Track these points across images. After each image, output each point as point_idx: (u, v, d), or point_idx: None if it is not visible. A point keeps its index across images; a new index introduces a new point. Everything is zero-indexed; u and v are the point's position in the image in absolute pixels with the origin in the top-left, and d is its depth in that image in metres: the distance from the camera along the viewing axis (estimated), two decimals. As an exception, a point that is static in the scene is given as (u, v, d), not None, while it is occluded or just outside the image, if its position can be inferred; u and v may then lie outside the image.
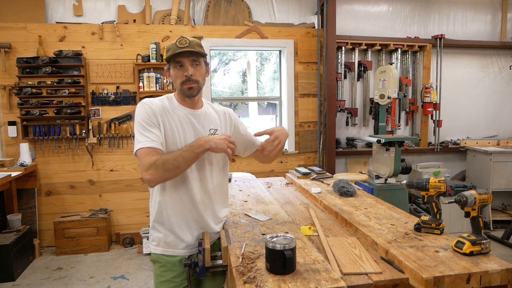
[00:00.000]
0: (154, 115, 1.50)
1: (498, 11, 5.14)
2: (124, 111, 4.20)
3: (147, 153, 1.42)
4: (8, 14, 3.98)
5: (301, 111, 4.62)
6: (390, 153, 3.66)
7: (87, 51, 4.08)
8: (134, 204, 4.25)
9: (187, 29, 4.25)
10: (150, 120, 1.48)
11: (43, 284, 3.31)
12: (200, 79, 1.56)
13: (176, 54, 1.49)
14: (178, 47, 1.49)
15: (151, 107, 1.51)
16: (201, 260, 1.46)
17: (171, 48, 1.51)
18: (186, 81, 1.52)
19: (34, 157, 4.03)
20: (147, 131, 1.46)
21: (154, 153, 1.42)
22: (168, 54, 1.52)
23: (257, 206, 2.06)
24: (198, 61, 1.55)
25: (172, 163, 1.40)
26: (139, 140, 1.45)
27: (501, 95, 5.25)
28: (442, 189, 1.54)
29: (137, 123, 1.49)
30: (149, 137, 1.45)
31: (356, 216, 1.82)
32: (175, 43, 1.51)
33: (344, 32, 4.69)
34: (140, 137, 1.45)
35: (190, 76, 1.51)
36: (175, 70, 1.54)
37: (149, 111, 1.50)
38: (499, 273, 1.21)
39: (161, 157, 1.40)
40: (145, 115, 1.49)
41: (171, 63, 1.54)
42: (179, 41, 1.50)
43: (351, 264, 1.30)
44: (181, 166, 1.43)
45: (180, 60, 1.51)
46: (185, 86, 1.53)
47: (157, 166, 1.38)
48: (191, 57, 1.52)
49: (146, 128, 1.47)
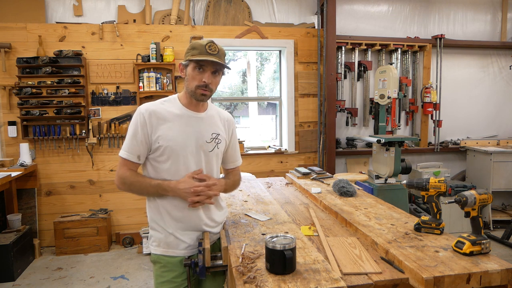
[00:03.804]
0: (144, 126, 1.51)
1: (498, 11, 5.14)
2: (124, 111, 4.20)
3: (123, 163, 1.55)
4: (8, 14, 3.98)
5: (301, 111, 4.62)
6: (390, 153, 3.66)
7: (87, 51, 4.08)
8: (134, 204, 4.25)
9: (187, 29, 4.25)
10: (137, 132, 1.52)
11: (43, 284, 3.31)
12: (214, 88, 1.56)
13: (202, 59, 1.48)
14: (207, 52, 1.48)
15: (144, 117, 1.52)
16: (201, 260, 1.46)
17: (199, 49, 1.48)
18: (202, 86, 1.51)
19: (34, 157, 4.03)
20: (131, 142, 1.53)
21: (130, 165, 1.54)
22: (194, 54, 1.49)
23: (257, 206, 2.06)
24: (219, 71, 1.55)
25: (137, 189, 1.54)
26: (123, 147, 1.55)
27: (501, 95, 5.25)
28: (442, 189, 1.54)
29: (128, 129, 1.56)
30: (130, 149, 1.53)
31: (356, 216, 1.82)
32: (204, 46, 1.48)
33: (344, 32, 4.69)
34: (125, 144, 1.55)
35: (208, 84, 1.52)
36: (194, 71, 1.51)
37: (140, 123, 1.52)
38: (499, 273, 1.21)
39: (131, 178, 1.53)
40: (135, 126, 1.53)
41: (193, 62, 1.51)
42: (209, 45, 1.48)
43: (351, 264, 1.30)
44: (144, 195, 1.59)
45: (204, 65, 1.50)
46: (199, 90, 1.52)
47: (125, 183, 1.53)
48: (215, 66, 1.52)
49: (131, 138, 1.53)
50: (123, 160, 1.54)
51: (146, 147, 1.54)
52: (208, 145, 1.59)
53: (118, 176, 1.54)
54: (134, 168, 1.56)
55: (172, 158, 1.53)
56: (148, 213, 1.62)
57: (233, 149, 1.76)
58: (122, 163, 1.55)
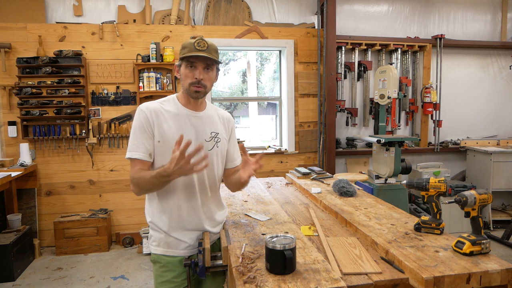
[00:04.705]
0: (148, 123, 1.50)
1: (498, 11, 5.14)
2: (124, 111, 4.20)
3: (132, 165, 1.51)
4: (8, 14, 3.98)
5: (301, 111, 4.62)
6: (390, 153, 3.66)
7: (87, 51, 4.08)
8: (134, 204, 4.25)
9: (187, 29, 4.25)
10: (143, 128, 1.50)
11: (43, 284, 3.31)
12: (208, 84, 1.55)
13: (191, 55, 1.48)
14: (196, 48, 1.48)
15: (146, 114, 1.51)
16: (201, 260, 1.46)
17: (188, 47, 1.49)
18: (195, 83, 1.52)
19: (34, 157, 4.03)
20: (137, 139, 1.50)
21: (140, 164, 1.49)
22: (184, 53, 1.50)
23: (257, 206, 2.06)
24: (211, 66, 1.54)
25: (144, 184, 1.45)
26: (129, 149, 1.51)
27: (501, 95, 5.25)
28: (442, 189, 1.54)
29: (132, 129, 1.54)
30: (138, 148, 1.50)
31: (356, 216, 1.82)
32: (193, 43, 1.48)
33: (344, 32, 4.69)
34: (131, 145, 1.51)
35: (200, 80, 1.51)
36: (186, 69, 1.52)
37: (143, 119, 1.51)
38: (499, 273, 1.21)
39: (136, 175, 1.47)
40: (138, 123, 1.51)
41: (184, 61, 1.52)
42: (198, 42, 1.48)
43: (351, 264, 1.30)
44: (153, 189, 1.50)
45: (194, 62, 1.50)
46: (192, 87, 1.52)
47: (134, 183, 1.48)
48: (205, 61, 1.51)
49: (137, 135, 1.51)
50: (131, 161, 1.51)
51: (153, 142, 1.52)
52: (207, 144, 1.60)
53: (131, 178, 1.49)
54: (145, 168, 1.50)
55: None
56: (148, 213, 1.62)
57: (233, 148, 1.76)
58: (131, 165, 1.51)
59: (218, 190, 1.71)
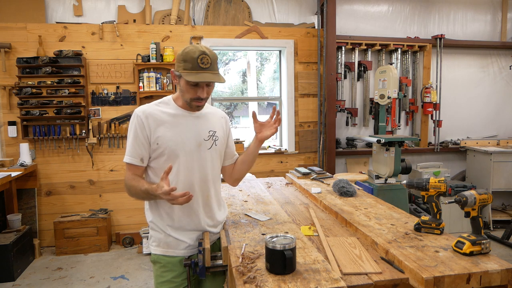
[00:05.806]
0: (142, 129, 1.51)
1: (498, 11, 5.14)
2: (124, 111, 4.20)
3: (127, 168, 1.55)
4: (8, 14, 3.98)
5: (301, 111, 4.62)
6: (390, 153, 3.66)
7: (87, 51, 4.08)
8: (134, 204, 4.24)
9: (187, 29, 4.25)
10: (136, 134, 1.51)
11: (43, 284, 3.31)
12: (208, 96, 1.54)
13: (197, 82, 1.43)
14: (199, 66, 1.42)
15: (141, 120, 1.51)
16: (201, 260, 1.46)
17: (191, 62, 1.42)
18: (197, 99, 1.51)
19: (34, 157, 4.03)
20: (132, 145, 1.53)
21: (133, 169, 1.54)
22: (187, 68, 1.42)
23: (257, 206, 2.06)
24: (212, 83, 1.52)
25: (135, 193, 1.51)
26: (126, 152, 1.55)
27: (501, 95, 5.25)
28: (442, 189, 1.54)
29: (128, 133, 1.57)
30: (132, 152, 1.52)
31: (356, 216, 1.82)
32: (196, 59, 1.41)
33: (344, 32, 4.69)
34: (127, 149, 1.55)
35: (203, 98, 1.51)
36: (188, 85, 1.47)
37: (137, 125, 1.52)
38: (499, 273, 1.21)
39: (129, 182, 1.51)
40: (133, 129, 1.53)
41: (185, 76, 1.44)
42: (201, 58, 1.41)
43: (351, 264, 1.30)
44: (142, 200, 1.58)
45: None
46: (194, 103, 1.52)
47: (126, 188, 1.53)
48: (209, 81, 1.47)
49: (132, 141, 1.53)
50: (127, 165, 1.55)
51: (148, 149, 1.53)
52: (206, 143, 1.60)
53: (124, 182, 1.55)
54: (138, 172, 1.54)
55: (171, 159, 1.53)
56: (148, 213, 1.62)
57: (230, 146, 1.78)
58: (126, 168, 1.56)
59: (218, 189, 1.71)
